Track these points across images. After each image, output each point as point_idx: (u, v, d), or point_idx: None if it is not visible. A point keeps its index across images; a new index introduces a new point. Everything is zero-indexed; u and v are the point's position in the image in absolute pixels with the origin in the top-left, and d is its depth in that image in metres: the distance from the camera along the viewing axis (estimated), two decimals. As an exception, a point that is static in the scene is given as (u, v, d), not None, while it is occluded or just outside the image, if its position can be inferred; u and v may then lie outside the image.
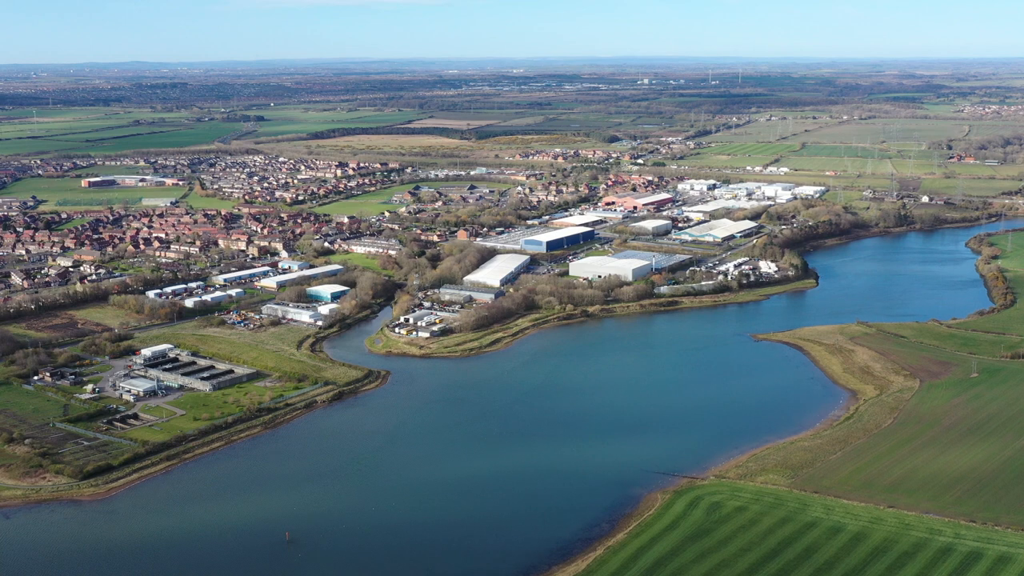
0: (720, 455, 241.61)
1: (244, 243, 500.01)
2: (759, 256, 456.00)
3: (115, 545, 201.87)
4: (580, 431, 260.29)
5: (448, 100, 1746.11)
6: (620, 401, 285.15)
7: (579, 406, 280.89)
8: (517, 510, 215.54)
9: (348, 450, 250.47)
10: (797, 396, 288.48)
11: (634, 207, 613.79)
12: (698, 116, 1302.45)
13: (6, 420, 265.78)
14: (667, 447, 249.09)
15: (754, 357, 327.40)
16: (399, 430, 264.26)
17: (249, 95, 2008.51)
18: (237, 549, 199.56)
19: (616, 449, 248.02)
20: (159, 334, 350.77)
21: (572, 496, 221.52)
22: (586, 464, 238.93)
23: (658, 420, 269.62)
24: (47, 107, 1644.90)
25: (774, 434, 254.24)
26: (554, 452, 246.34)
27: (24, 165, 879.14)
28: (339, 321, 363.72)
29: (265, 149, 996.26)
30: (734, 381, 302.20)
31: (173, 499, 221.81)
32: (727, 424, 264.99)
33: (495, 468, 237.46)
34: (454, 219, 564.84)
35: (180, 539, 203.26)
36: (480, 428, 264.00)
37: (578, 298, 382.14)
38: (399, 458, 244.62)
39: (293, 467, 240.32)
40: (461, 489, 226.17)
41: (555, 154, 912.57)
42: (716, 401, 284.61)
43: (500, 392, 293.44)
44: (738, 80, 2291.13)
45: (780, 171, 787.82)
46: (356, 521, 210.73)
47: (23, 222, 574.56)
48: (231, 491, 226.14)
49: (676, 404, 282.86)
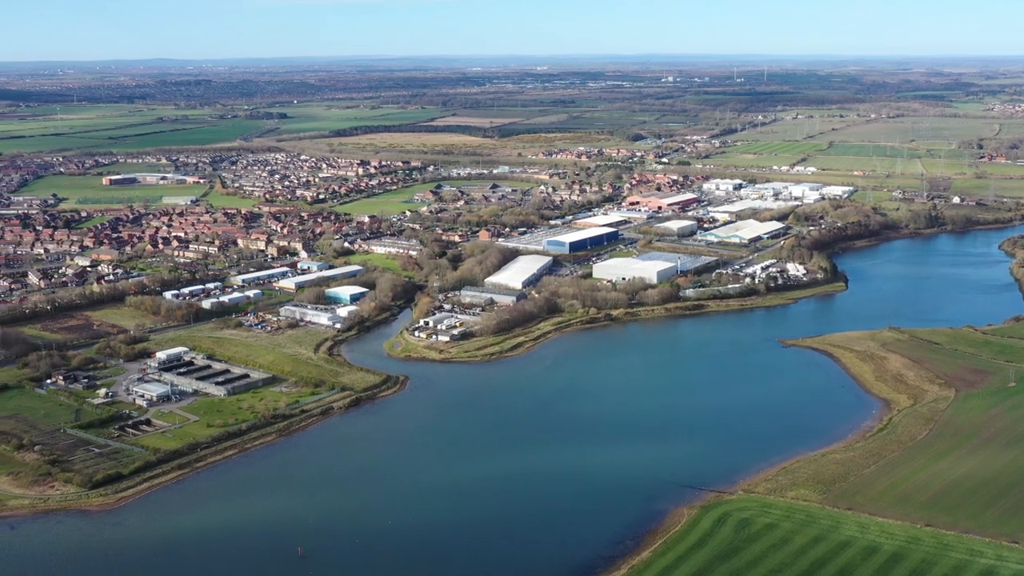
0: (748, 468, 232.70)
1: (263, 243, 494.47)
2: (787, 258, 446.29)
3: (122, 558, 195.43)
4: (603, 440, 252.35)
5: (471, 98, 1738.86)
6: (644, 409, 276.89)
7: (602, 414, 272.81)
8: (538, 524, 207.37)
9: (364, 459, 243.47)
10: (828, 405, 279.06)
11: (659, 207, 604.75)
12: (723, 114, 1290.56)
13: (17, 425, 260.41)
14: (693, 458, 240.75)
15: (782, 364, 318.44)
16: (416, 439, 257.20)
17: (273, 92, 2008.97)
18: (248, 565, 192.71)
19: (640, 460, 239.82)
20: (175, 336, 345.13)
21: (594, 510, 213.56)
22: (609, 476, 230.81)
23: (684, 429, 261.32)
24: (71, 104, 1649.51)
25: (805, 446, 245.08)
26: (576, 463, 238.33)
27: (46, 163, 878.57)
28: (358, 324, 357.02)
29: (287, 147, 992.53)
30: (762, 389, 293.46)
31: (183, 510, 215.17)
32: (755, 434, 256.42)
33: (515, 479, 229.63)
34: (476, 219, 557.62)
35: (188, 553, 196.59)
36: (499, 437, 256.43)
37: (602, 301, 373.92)
38: (415, 468, 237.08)
39: (307, 477, 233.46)
40: (479, 502, 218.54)
41: (579, 153, 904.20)
42: (744, 410, 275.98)
43: (520, 399, 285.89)
44: (763, 78, 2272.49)
45: (807, 171, 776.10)
46: (371, 535, 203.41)
47: (43, 220, 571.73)
48: (243, 502, 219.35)
49: (702, 413, 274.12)
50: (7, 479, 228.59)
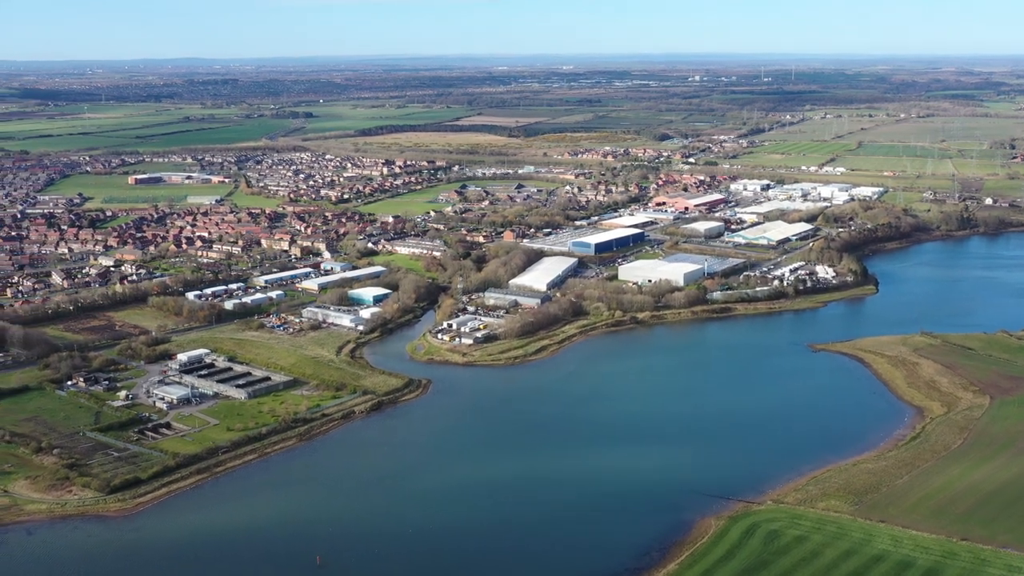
0: (777, 477, 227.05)
1: (287, 243, 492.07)
2: (816, 260, 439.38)
3: (138, 565, 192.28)
4: (627, 447, 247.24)
5: (497, 97, 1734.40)
6: (670, 415, 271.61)
7: (626, 419, 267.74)
8: (561, 533, 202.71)
9: (385, 465, 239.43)
10: (859, 412, 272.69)
11: (685, 208, 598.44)
12: (750, 114, 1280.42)
13: (36, 428, 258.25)
14: (720, 466, 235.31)
15: (812, 369, 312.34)
16: (437, 444, 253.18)
17: (299, 91, 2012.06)
18: (266, 574, 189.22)
19: (666, 467, 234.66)
20: (196, 337, 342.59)
21: (619, 520, 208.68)
22: (634, 483, 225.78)
23: (710, 436, 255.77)
24: (99, 103, 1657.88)
25: (835, 454, 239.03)
26: (600, 470, 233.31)
27: (73, 161, 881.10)
28: (380, 326, 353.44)
29: (312, 146, 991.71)
30: (791, 395, 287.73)
31: (201, 517, 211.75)
32: (784, 442, 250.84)
33: (537, 487, 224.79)
34: (501, 219, 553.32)
35: (205, 561, 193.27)
36: (521, 442, 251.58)
37: (627, 304, 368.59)
38: (436, 474, 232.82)
39: (327, 483, 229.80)
40: (501, 509, 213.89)
41: (604, 152, 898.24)
42: (772, 416, 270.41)
43: (543, 404, 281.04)
44: (791, 77, 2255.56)
45: (836, 171, 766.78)
46: (390, 543, 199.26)
47: (68, 220, 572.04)
48: (262, 509, 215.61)
49: (729, 419, 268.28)
50: (25, 483, 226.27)
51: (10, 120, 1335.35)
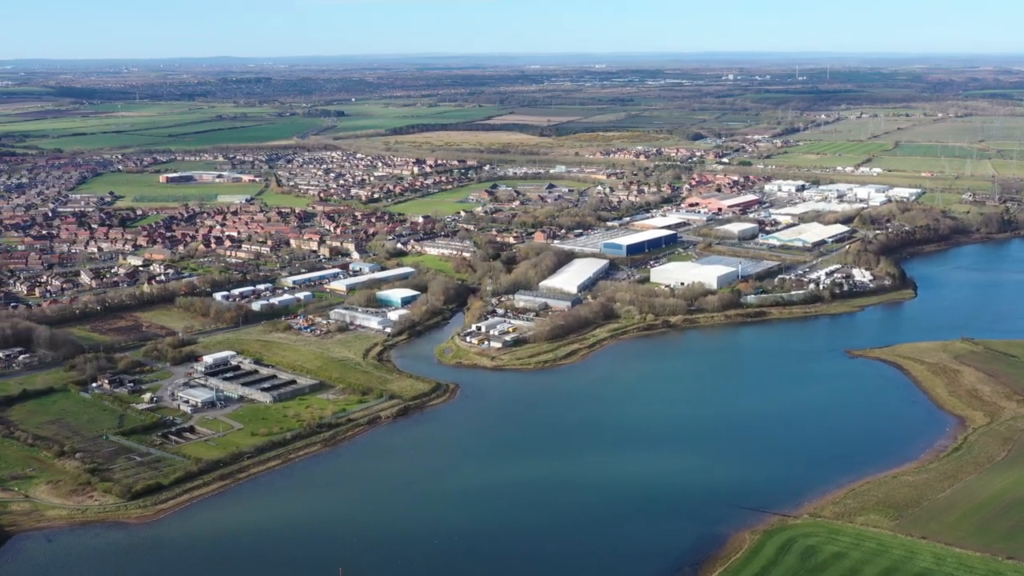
0: (814, 489, 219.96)
1: (316, 243, 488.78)
2: (852, 263, 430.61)
3: (157, 575, 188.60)
4: (659, 456, 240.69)
5: (529, 96, 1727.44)
6: (702, 423, 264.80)
7: (657, 427, 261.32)
8: (591, 547, 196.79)
9: (410, 472, 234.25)
10: (898, 422, 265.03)
11: (719, 209, 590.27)
12: (785, 113, 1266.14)
13: (59, 431, 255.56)
14: (754, 477, 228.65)
15: (849, 376, 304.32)
16: (464, 451, 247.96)
17: (331, 90, 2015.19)
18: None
19: (698, 477, 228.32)
20: (223, 339, 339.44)
21: (650, 533, 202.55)
22: (666, 494, 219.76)
23: (744, 445, 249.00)
24: (133, 101, 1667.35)
25: (874, 466, 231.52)
26: (630, 478, 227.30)
27: (105, 160, 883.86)
28: (408, 328, 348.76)
29: (343, 145, 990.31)
30: (827, 403, 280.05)
31: (222, 525, 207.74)
32: (820, 452, 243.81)
33: (566, 496, 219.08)
34: (531, 220, 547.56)
35: (226, 570, 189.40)
36: (549, 451, 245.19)
37: (659, 307, 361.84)
38: (461, 483, 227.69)
39: (352, 490, 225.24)
40: (527, 521, 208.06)
41: (637, 152, 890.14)
42: (808, 425, 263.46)
43: (573, 409, 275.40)
44: (826, 76, 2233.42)
45: (872, 171, 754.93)
46: (414, 553, 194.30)
47: (98, 218, 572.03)
48: (285, 517, 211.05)
49: (763, 428, 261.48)
50: (46, 488, 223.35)
51: (45, 118, 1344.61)
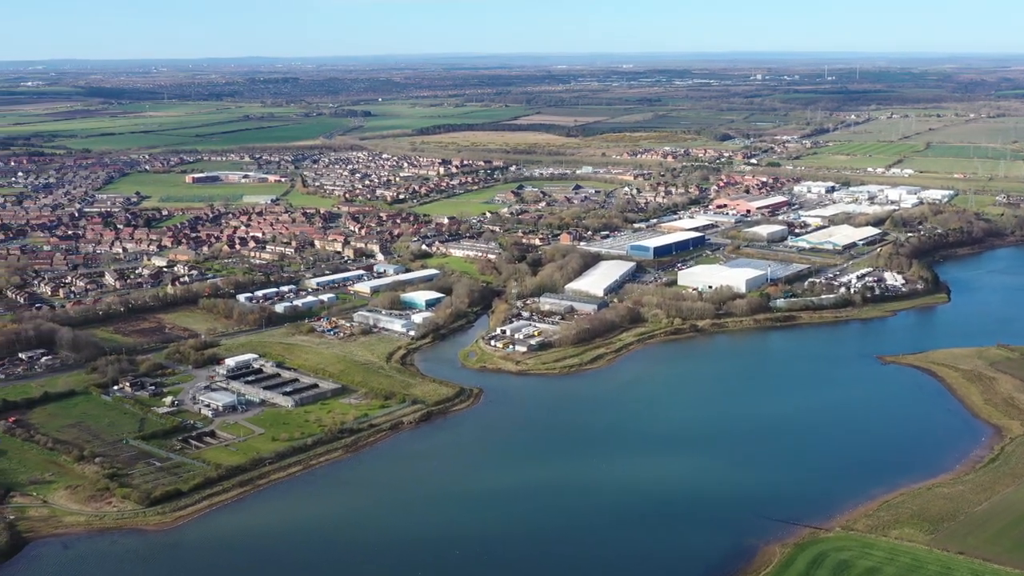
0: (846, 500, 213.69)
1: (340, 244, 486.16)
2: (884, 267, 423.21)
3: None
4: (685, 464, 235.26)
5: (556, 96, 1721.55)
6: (731, 430, 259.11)
7: (684, 434, 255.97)
8: (616, 559, 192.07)
9: (433, 480, 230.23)
10: (932, 431, 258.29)
11: (747, 210, 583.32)
12: (814, 113, 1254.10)
13: (79, 435, 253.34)
14: (784, 488, 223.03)
15: (881, 383, 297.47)
16: (487, 458, 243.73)
17: (358, 90, 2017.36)
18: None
19: (726, 487, 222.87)
20: (246, 341, 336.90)
21: (679, 545, 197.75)
22: (694, 505, 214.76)
23: (773, 454, 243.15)
24: (161, 101, 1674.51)
25: (908, 477, 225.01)
26: (656, 488, 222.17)
27: (132, 160, 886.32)
28: (432, 331, 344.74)
29: (369, 145, 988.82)
30: (859, 410, 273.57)
31: (241, 533, 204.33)
32: (852, 462, 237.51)
33: (591, 507, 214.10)
34: (557, 221, 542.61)
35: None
36: (574, 458, 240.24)
37: (687, 311, 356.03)
38: (484, 490, 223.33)
39: (373, 498, 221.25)
40: (552, 530, 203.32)
41: (664, 153, 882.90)
42: (839, 433, 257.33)
43: (599, 416, 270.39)
44: (855, 76, 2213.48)
45: (904, 173, 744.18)
46: (437, 562, 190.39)
47: (124, 219, 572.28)
48: (305, 525, 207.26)
49: (793, 436, 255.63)
50: (65, 493, 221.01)
51: (74, 118, 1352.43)
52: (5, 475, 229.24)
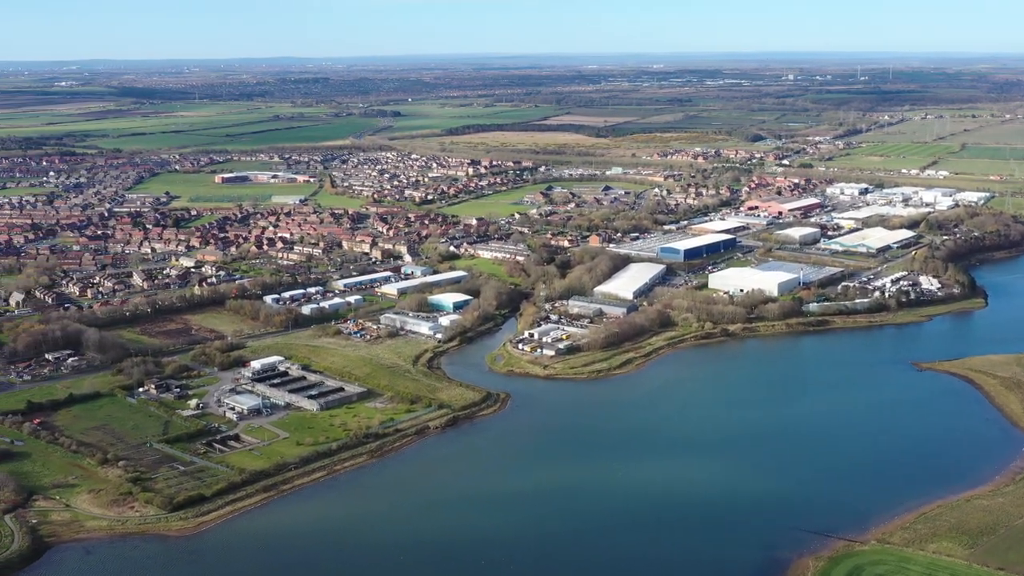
0: (881, 512, 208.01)
1: (368, 245, 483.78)
2: (919, 270, 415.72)
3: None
4: (717, 472, 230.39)
5: (586, 96, 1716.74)
6: (762, 437, 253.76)
7: (715, 442, 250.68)
8: (647, 570, 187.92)
9: (459, 486, 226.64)
10: (970, 440, 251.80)
11: (779, 212, 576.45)
12: (847, 114, 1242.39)
13: (104, 438, 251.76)
14: (817, 498, 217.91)
15: (917, 390, 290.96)
16: (513, 464, 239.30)
17: (388, 90, 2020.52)
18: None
19: (758, 497, 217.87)
20: (272, 343, 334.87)
21: (710, 557, 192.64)
22: (724, 516, 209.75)
23: (806, 463, 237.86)
24: (192, 101, 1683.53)
25: (945, 488, 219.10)
26: (688, 498, 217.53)
27: (163, 159, 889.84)
28: (460, 334, 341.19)
29: (398, 146, 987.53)
30: (894, 418, 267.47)
31: (265, 540, 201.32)
32: (887, 472, 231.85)
33: (618, 517, 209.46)
34: (586, 223, 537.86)
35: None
36: (602, 466, 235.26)
37: (718, 315, 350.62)
38: (510, 497, 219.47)
39: (398, 504, 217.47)
40: (580, 540, 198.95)
41: (695, 153, 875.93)
42: (874, 442, 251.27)
43: (627, 423, 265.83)
44: (888, 76, 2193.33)
45: (939, 175, 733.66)
46: (462, 570, 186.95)
47: (153, 219, 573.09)
48: (328, 532, 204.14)
49: (827, 444, 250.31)
50: (88, 497, 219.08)
51: (106, 118, 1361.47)
52: (29, 478, 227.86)
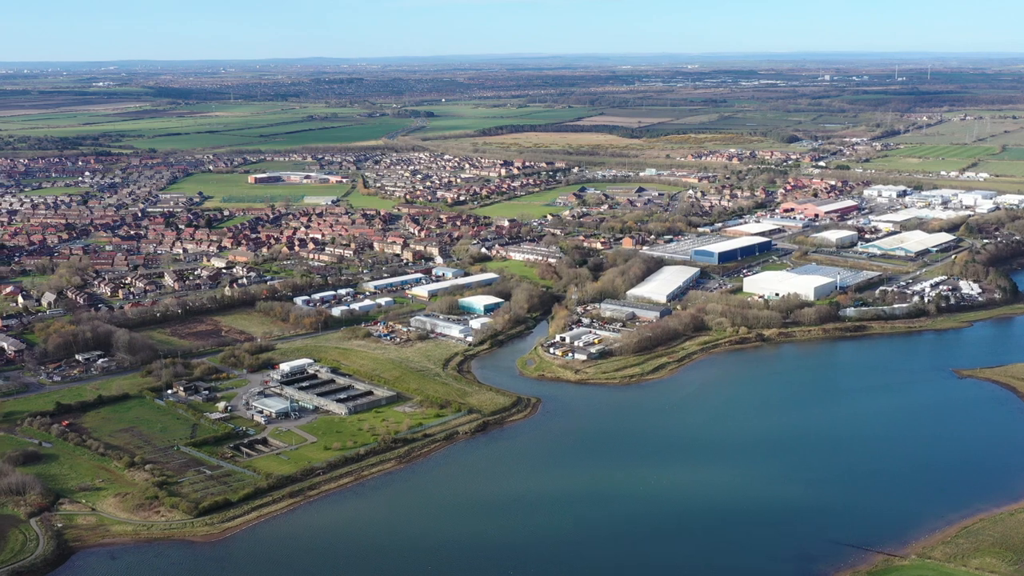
0: (921, 525, 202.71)
1: (399, 247, 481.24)
2: (959, 275, 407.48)
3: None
4: (749, 484, 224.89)
5: (619, 97, 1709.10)
6: (798, 446, 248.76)
7: (750, 451, 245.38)
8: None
9: (487, 494, 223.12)
10: (1013, 451, 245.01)
11: (815, 215, 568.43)
12: (884, 115, 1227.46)
13: (131, 440, 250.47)
14: (854, 509, 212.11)
15: (957, 398, 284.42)
16: (542, 471, 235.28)
17: (422, 90, 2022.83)
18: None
19: (794, 508, 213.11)
20: (301, 346, 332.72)
21: (740, 569, 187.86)
22: (756, 525, 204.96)
23: (844, 473, 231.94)
24: (227, 101, 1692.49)
25: (987, 500, 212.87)
26: (720, 511, 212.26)
27: (197, 159, 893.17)
28: (490, 337, 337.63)
29: (431, 146, 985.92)
30: (934, 427, 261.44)
31: (290, 547, 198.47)
32: (928, 483, 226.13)
33: (651, 527, 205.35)
34: (619, 225, 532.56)
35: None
36: (632, 475, 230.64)
37: (752, 319, 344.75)
38: (539, 506, 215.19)
39: (426, 512, 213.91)
40: (608, 549, 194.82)
41: (729, 155, 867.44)
42: (913, 452, 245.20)
43: (660, 429, 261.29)
44: (927, 76, 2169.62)
45: (979, 177, 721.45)
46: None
47: (186, 219, 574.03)
48: (355, 540, 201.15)
49: (864, 453, 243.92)
50: (114, 501, 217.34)
51: (142, 118, 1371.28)
52: (56, 481, 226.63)
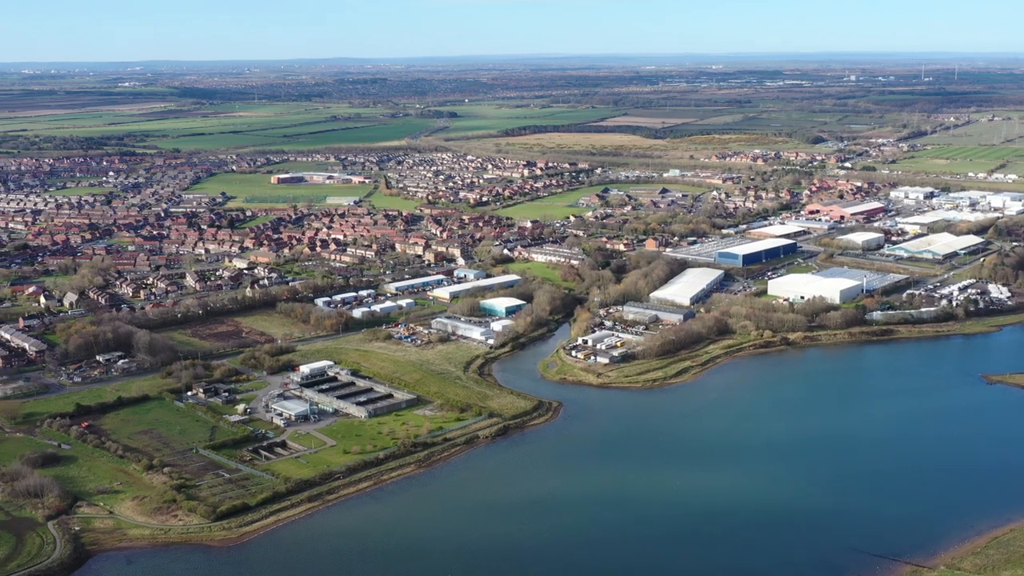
0: (950, 534, 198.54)
1: (421, 247, 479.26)
2: (988, 278, 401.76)
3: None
4: (773, 491, 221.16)
5: (643, 97, 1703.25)
6: (824, 453, 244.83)
7: (773, 456, 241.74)
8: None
9: (508, 498, 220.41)
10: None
11: (841, 217, 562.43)
12: (911, 115, 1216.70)
13: (150, 443, 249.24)
14: (880, 517, 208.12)
15: (986, 404, 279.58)
16: (564, 477, 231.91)
17: (445, 91, 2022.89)
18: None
19: (818, 516, 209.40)
20: (322, 347, 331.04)
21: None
22: (780, 533, 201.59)
23: (870, 480, 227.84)
24: (251, 102, 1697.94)
25: (1017, 511, 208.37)
26: (740, 514, 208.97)
27: (220, 160, 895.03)
28: (512, 340, 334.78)
29: (453, 147, 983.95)
30: (963, 434, 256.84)
31: (309, 552, 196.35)
32: (956, 491, 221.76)
33: (670, 530, 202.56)
34: (643, 226, 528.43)
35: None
36: (653, 481, 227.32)
37: (777, 323, 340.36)
38: (559, 513, 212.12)
39: (446, 517, 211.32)
40: (629, 555, 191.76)
41: (754, 156, 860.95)
42: (941, 459, 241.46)
43: (682, 434, 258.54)
44: (954, 76, 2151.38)
45: (1007, 178, 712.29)
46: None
47: (208, 219, 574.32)
48: (374, 546, 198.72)
49: (891, 462, 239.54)
50: (131, 504, 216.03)
51: (167, 118, 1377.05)
52: (74, 483, 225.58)
